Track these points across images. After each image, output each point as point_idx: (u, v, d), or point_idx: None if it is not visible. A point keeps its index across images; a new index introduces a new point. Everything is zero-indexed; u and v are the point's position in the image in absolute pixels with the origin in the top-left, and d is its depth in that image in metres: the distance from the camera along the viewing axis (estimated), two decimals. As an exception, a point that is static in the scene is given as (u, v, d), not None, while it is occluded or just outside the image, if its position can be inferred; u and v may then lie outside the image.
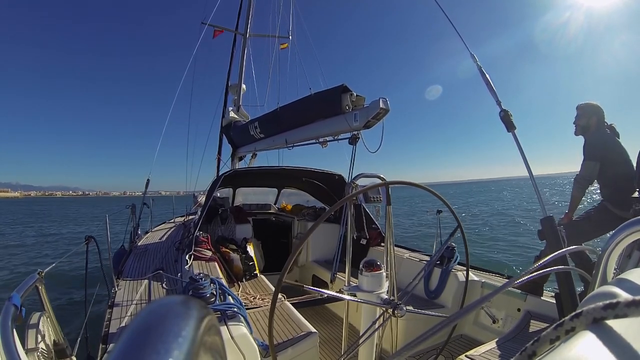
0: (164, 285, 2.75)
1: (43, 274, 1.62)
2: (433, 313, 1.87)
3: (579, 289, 2.05)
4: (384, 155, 3.49)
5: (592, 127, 2.79)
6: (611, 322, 0.35)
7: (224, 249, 3.49)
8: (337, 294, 1.57)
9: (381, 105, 3.14)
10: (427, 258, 3.31)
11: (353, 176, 2.10)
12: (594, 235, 2.88)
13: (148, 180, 5.92)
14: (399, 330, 2.43)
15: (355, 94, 3.41)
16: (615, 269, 0.83)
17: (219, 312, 1.73)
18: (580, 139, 2.88)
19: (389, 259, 1.79)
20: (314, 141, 4.21)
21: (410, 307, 1.77)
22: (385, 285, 1.64)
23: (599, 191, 2.92)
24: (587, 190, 2.83)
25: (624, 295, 0.45)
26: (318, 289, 1.48)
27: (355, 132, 3.49)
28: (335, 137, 3.88)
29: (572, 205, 2.80)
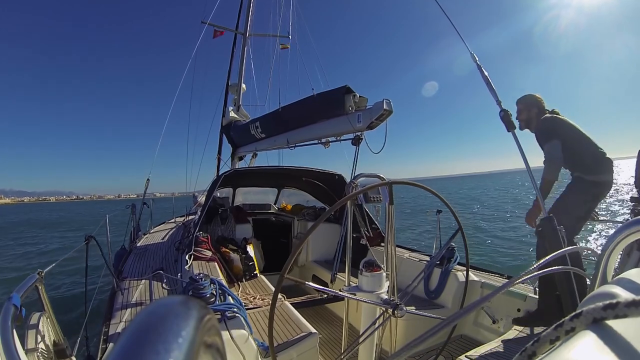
0: (164, 285, 2.75)
1: (43, 274, 1.62)
2: (433, 315, 1.87)
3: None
4: (383, 154, 3.49)
5: (534, 118, 2.70)
6: (611, 322, 0.35)
7: (223, 249, 3.49)
8: (338, 292, 1.58)
9: (385, 106, 3.15)
10: (427, 258, 3.31)
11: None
12: (577, 223, 2.51)
13: (148, 180, 5.92)
14: (398, 331, 2.43)
15: (358, 95, 3.42)
16: (615, 269, 0.83)
17: (219, 313, 1.73)
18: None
19: (389, 259, 1.79)
20: (316, 141, 4.21)
21: (411, 308, 1.77)
22: (385, 285, 1.64)
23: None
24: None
25: (623, 296, 0.45)
26: (319, 286, 1.48)
27: (359, 133, 3.50)
28: (338, 138, 3.89)
29: (544, 189, 2.43)
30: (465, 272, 1.90)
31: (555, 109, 2.69)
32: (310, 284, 1.44)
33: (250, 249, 3.79)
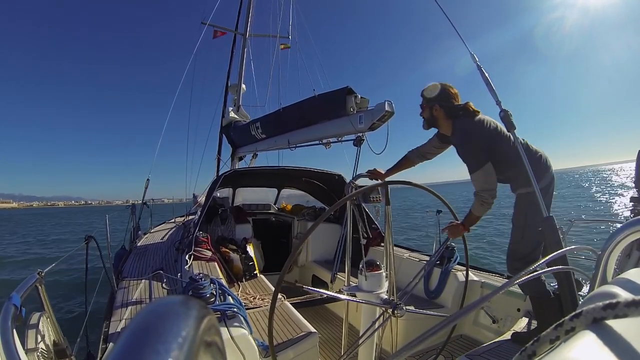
0: (163, 285, 2.75)
1: (43, 274, 1.62)
2: (433, 312, 1.87)
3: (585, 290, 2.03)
4: (386, 156, 3.44)
5: (440, 117, 2.14)
6: (611, 322, 0.35)
7: (223, 249, 3.49)
8: (337, 295, 1.58)
9: (386, 107, 3.15)
10: (427, 258, 3.31)
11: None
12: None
13: (148, 180, 5.93)
14: (399, 331, 2.43)
15: (359, 96, 3.42)
16: (615, 269, 0.83)
17: (218, 313, 1.73)
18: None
19: (388, 259, 1.79)
20: (317, 142, 4.21)
21: (411, 307, 1.76)
22: (385, 285, 1.64)
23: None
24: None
25: (623, 296, 0.46)
26: (317, 289, 1.48)
27: (360, 134, 3.50)
28: (339, 139, 3.89)
29: (471, 222, 2.06)
30: (465, 272, 1.90)
31: (470, 102, 2.11)
32: (309, 287, 1.44)
33: (250, 249, 3.79)
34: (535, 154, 2.05)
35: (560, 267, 1.24)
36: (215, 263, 3.03)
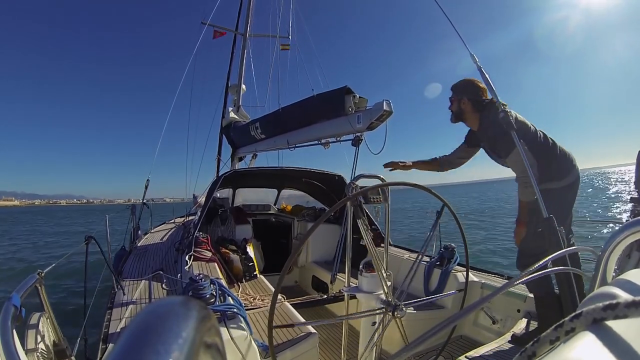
0: (163, 285, 2.75)
1: (43, 275, 1.62)
2: (434, 299, 1.86)
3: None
4: (387, 156, 3.43)
5: (468, 111, 2.25)
6: (611, 323, 0.35)
7: (223, 250, 3.49)
8: (340, 317, 1.57)
9: (385, 107, 3.15)
10: (427, 258, 3.30)
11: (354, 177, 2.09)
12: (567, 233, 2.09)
13: (148, 180, 5.93)
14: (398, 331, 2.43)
15: (358, 96, 3.42)
16: (615, 269, 0.83)
17: (218, 313, 1.73)
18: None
19: (377, 260, 1.80)
20: (316, 142, 4.21)
21: (411, 309, 1.76)
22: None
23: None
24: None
25: (623, 296, 0.46)
26: (315, 321, 1.48)
27: (359, 134, 3.50)
28: (338, 139, 3.89)
29: (524, 211, 2.12)
30: (465, 273, 1.90)
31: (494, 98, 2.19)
32: (302, 322, 1.43)
33: (250, 250, 3.79)
34: (561, 151, 2.11)
35: (561, 267, 1.24)
36: (215, 264, 3.03)
